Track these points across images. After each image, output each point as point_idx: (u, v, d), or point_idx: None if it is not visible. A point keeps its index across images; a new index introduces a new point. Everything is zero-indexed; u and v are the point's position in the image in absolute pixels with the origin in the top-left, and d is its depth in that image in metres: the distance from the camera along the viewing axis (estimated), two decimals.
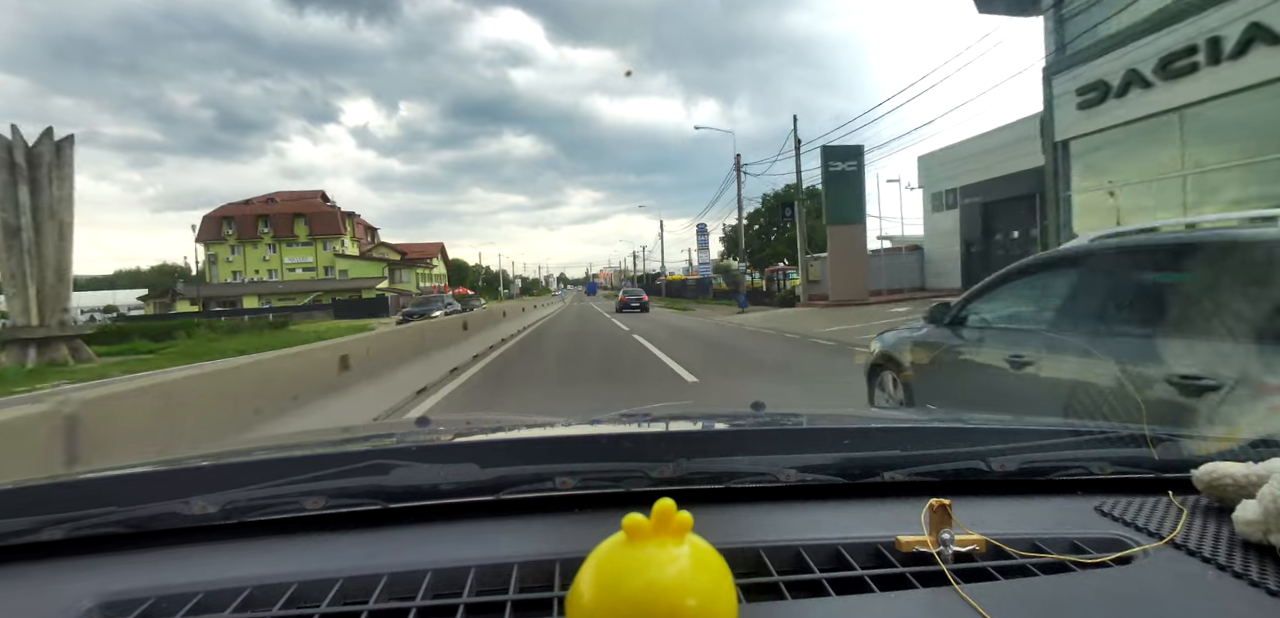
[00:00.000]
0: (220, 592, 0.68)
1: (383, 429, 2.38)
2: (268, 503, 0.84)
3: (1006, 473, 0.93)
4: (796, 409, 1.67)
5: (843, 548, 0.75)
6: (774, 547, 0.75)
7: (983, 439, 1.03)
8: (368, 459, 0.99)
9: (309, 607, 0.66)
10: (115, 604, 0.67)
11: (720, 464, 0.95)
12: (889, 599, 0.65)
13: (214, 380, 4.07)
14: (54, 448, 2.56)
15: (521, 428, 1.34)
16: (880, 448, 1.04)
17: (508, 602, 0.66)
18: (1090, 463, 0.96)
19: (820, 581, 0.69)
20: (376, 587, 0.69)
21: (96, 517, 0.81)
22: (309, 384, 5.21)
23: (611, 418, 1.46)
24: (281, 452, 1.11)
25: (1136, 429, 1.02)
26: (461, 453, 1.13)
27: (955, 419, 1.42)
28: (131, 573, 0.74)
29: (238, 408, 4.10)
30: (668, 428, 1.36)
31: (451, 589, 0.69)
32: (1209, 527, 0.77)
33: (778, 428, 1.36)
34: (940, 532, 0.71)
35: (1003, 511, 0.86)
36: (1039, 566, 0.71)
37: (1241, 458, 0.83)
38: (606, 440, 1.17)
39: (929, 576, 0.68)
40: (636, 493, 0.87)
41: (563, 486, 0.88)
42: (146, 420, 3.20)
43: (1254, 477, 0.76)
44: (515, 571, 0.71)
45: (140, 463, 1.04)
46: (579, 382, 9.65)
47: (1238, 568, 0.67)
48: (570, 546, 0.73)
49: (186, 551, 0.79)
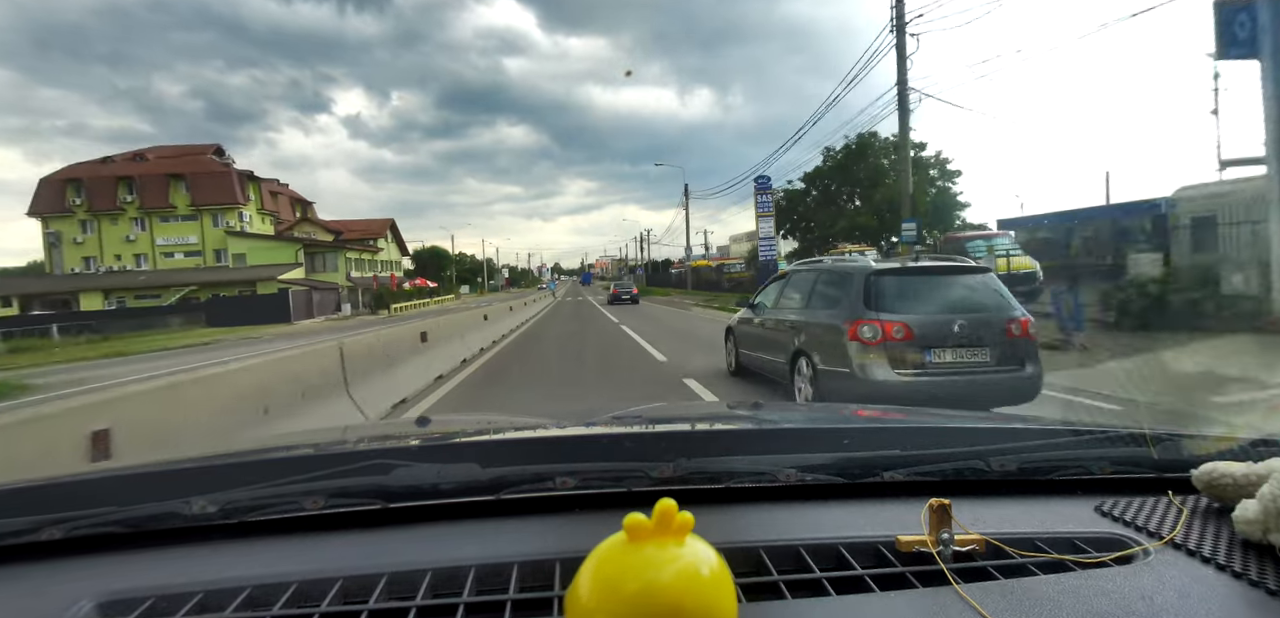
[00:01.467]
0: (220, 591, 0.68)
1: (382, 429, 2.38)
2: (268, 503, 0.84)
3: (1006, 473, 0.93)
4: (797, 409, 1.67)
5: (843, 548, 0.75)
6: (774, 547, 0.75)
7: (983, 439, 1.03)
8: (368, 459, 0.99)
9: (309, 606, 0.66)
10: (115, 604, 0.67)
11: (720, 464, 0.95)
12: (889, 599, 0.65)
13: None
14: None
15: (521, 428, 1.33)
16: (880, 448, 1.04)
17: (508, 602, 0.66)
18: (1090, 463, 0.96)
19: (820, 580, 0.69)
20: (376, 587, 0.69)
21: (96, 517, 0.80)
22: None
23: (611, 418, 1.46)
24: (281, 452, 1.11)
25: (1136, 429, 1.02)
26: (461, 453, 1.13)
27: (955, 419, 1.42)
28: (131, 573, 0.74)
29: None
30: (668, 428, 1.35)
31: (451, 589, 0.69)
32: (1209, 527, 0.77)
33: (778, 428, 1.36)
34: (940, 532, 0.71)
35: (1003, 511, 0.86)
36: (1039, 565, 0.71)
37: (1241, 458, 0.83)
38: (607, 440, 1.17)
39: (929, 575, 0.68)
40: (637, 493, 0.87)
41: (563, 485, 0.88)
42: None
43: (1253, 477, 0.76)
44: (515, 570, 0.71)
45: (140, 463, 1.04)
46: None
47: (1237, 568, 0.67)
48: (570, 545, 0.73)
49: (186, 551, 0.79)
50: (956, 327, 4.79)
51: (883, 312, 4.90)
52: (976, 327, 4.83)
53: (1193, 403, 5.59)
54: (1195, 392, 6.15)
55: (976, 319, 4.86)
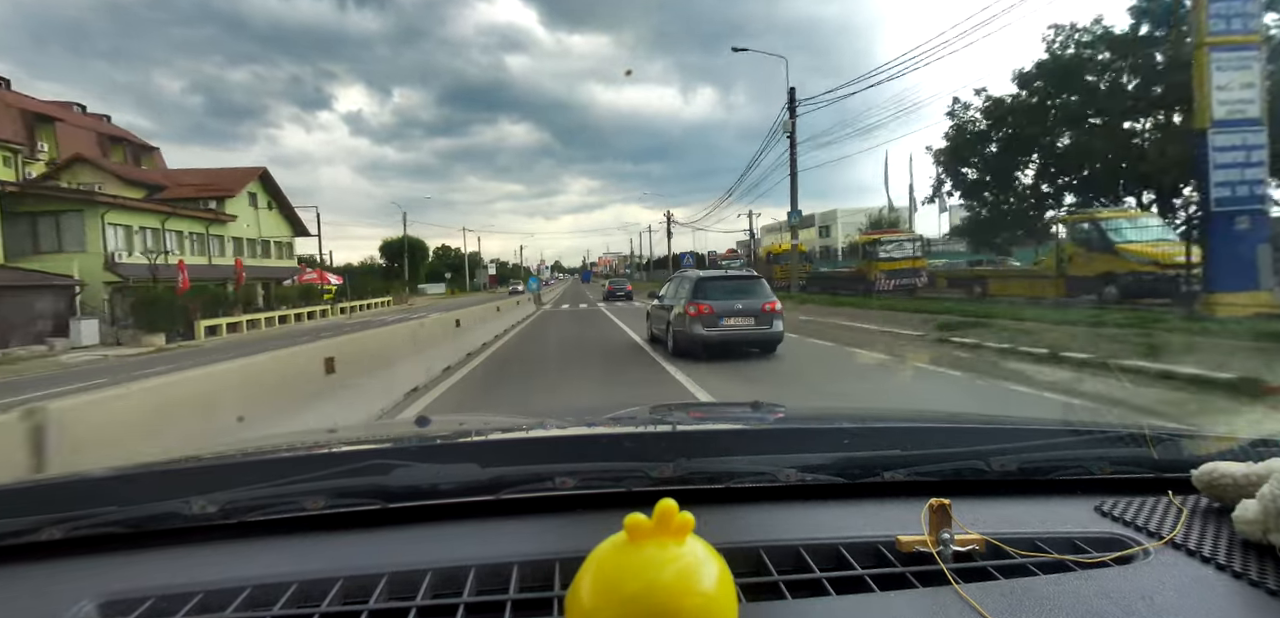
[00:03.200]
0: (220, 591, 0.68)
1: (382, 429, 2.38)
2: (268, 503, 0.84)
3: (1006, 473, 0.93)
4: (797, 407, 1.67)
5: (843, 548, 0.75)
6: (774, 547, 0.75)
7: (982, 439, 1.03)
8: (368, 459, 0.99)
9: (309, 606, 0.66)
10: (115, 604, 0.67)
11: (720, 464, 0.95)
12: (889, 599, 0.65)
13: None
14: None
15: (521, 428, 1.34)
16: (880, 448, 1.04)
17: (508, 602, 0.66)
18: (1090, 463, 0.96)
19: (820, 580, 0.69)
20: (377, 586, 0.69)
21: (96, 517, 0.81)
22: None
23: (611, 418, 1.46)
24: (281, 452, 1.11)
25: (1136, 429, 1.02)
26: (461, 453, 1.13)
27: (955, 420, 1.42)
28: (131, 573, 0.74)
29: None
30: (668, 428, 1.35)
31: (451, 589, 0.69)
32: (1208, 527, 0.77)
33: (778, 428, 1.36)
34: (940, 532, 0.71)
35: (1002, 510, 0.86)
36: (1039, 565, 0.71)
37: (1241, 458, 0.83)
38: (606, 440, 1.17)
39: (929, 575, 0.68)
40: (637, 493, 0.87)
41: (563, 485, 0.88)
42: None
43: (1253, 477, 0.76)
44: (515, 571, 0.71)
45: (140, 463, 1.04)
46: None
47: (1237, 568, 0.67)
48: (570, 545, 0.73)
49: (186, 550, 0.79)
50: (738, 305, 9.49)
51: (701, 299, 9.52)
52: (747, 305, 9.52)
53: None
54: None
55: (748, 301, 9.58)
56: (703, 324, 9.24)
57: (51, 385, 11.71)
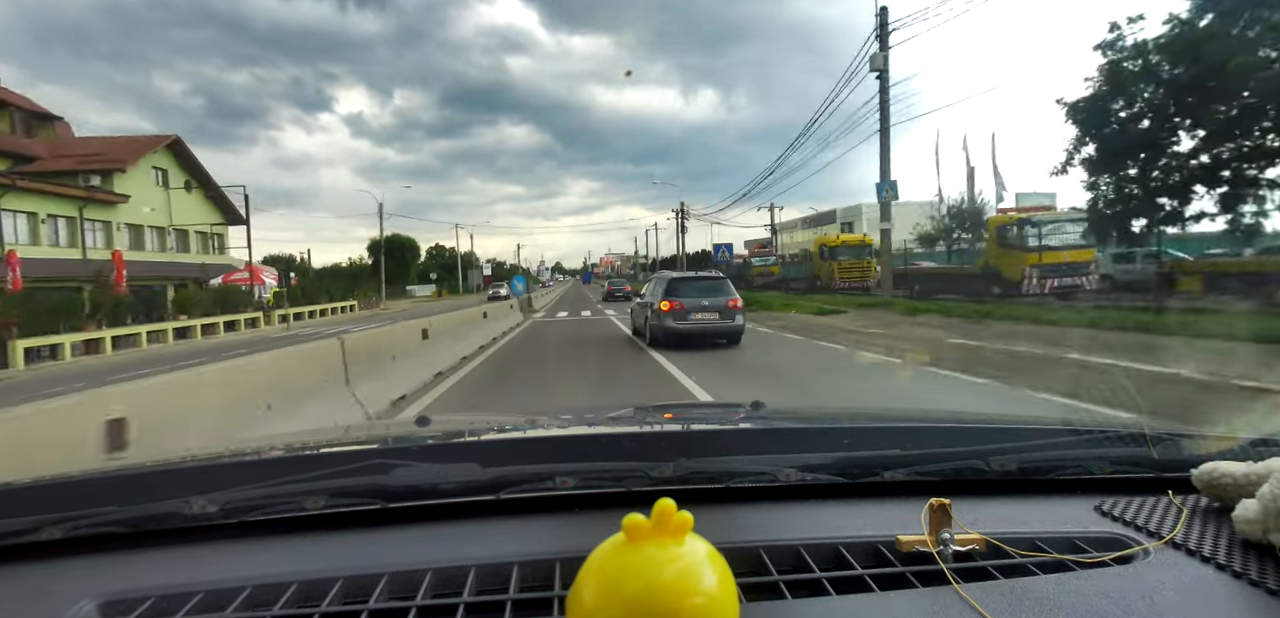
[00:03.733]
0: (221, 591, 0.68)
1: (383, 429, 2.38)
2: (268, 503, 0.84)
3: (1006, 473, 0.93)
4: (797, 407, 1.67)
5: (843, 548, 0.75)
6: (774, 547, 0.75)
7: (983, 439, 1.03)
8: (368, 459, 0.99)
9: (309, 606, 0.66)
10: (115, 604, 0.67)
11: (720, 464, 0.95)
12: (889, 599, 0.65)
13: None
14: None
15: (521, 428, 1.34)
16: (880, 448, 1.04)
17: (508, 602, 0.66)
18: (1090, 463, 0.96)
19: (820, 580, 0.69)
20: (377, 586, 0.69)
21: (96, 516, 0.81)
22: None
23: (611, 418, 1.46)
24: (282, 451, 1.11)
25: (1136, 429, 1.02)
26: (461, 452, 1.13)
27: (955, 419, 1.42)
28: (131, 573, 0.74)
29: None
30: (668, 428, 1.36)
31: (452, 589, 0.69)
32: (1208, 526, 0.77)
33: (777, 428, 1.36)
34: (940, 531, 0.71)
35: (1003, 510, 0.86)
36: (1039, 565, 0.71)
37: (1241, 458, 0.83)
38: (606, 440, 1.17)
39: (929, 575, 0.68)
40: (637, 493, 0.87)
41: (563, 485, 0.88)
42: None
43: (1253, 476, 0.76)
44: (515, 570, 0.71)
45: (140, 463, 1.04)
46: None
47: (1237, 568, 0.67)
48: (570, 545, 0.73)
49: (186, 550, 0.79)
50: (705, 302, 10.88)
51: (672, 297, 10.97)
52: (712, 302, 10.90)
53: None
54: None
55: (713, 299, 10.95)
56: (674, 318, 10.84)
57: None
